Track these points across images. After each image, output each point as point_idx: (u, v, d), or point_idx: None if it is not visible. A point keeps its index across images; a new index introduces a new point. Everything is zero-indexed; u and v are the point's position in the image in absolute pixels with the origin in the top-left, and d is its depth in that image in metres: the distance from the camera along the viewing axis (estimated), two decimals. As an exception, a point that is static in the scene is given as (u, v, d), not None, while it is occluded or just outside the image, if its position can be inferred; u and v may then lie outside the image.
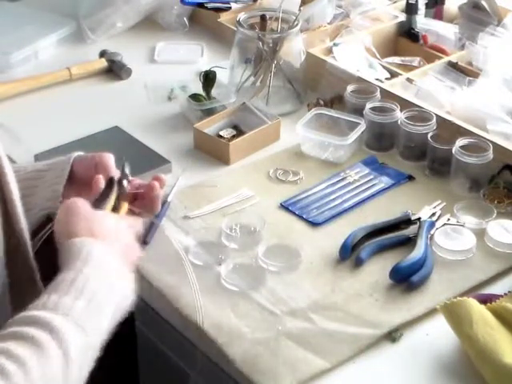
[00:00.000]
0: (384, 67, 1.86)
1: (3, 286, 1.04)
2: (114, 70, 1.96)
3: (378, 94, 1.69)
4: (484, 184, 1.53)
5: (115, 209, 1.11)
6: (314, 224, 1.47)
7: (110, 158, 1.19)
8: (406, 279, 1.32)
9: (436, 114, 1.61)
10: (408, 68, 1.88)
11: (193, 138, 1.69)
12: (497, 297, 1.27)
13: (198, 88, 1.80)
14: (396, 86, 1.75)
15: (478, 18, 1.97)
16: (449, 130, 1.59)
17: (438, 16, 2.06)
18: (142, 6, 2.13)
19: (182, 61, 2.02)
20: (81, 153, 1.23)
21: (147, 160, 1.62)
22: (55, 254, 1.00)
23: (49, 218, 1.17)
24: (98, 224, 1.03)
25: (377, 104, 1.66)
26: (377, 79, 1.78)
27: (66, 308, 0.90)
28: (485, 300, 1.24)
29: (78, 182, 1.19)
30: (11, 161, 1.65)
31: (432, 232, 1.42)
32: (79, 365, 0.89)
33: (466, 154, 1.51)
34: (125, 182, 1.14)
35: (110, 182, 1.13)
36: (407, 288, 1.32)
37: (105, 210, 1.09)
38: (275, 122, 1.70)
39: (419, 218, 1.44)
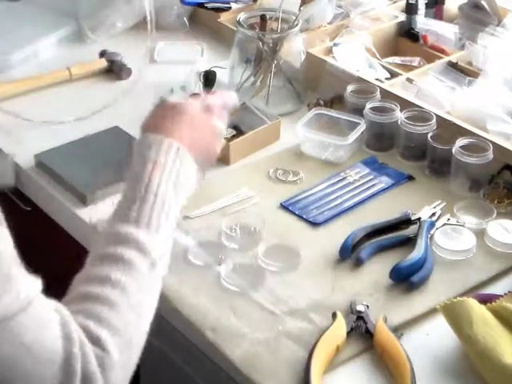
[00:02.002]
0: (384, 67, 1.86)
1: None
2: (114, 70, 1.96)
3: (377, 93, 1.69)
4: (484, 184, 1.53)
5: None
6: (313, 224, 1.47)
7: None
8: (406, 279, 1.32)
9: (436, 114, 1.61)
10: (408, 68, 1.88)
11: (193, 138, 1.68)
12: (497, 297, 1.27)
13: (197, 88, 1.80)
14: (396, 86, 1.75)
15: (478, 17, 1.97)
16: (449, 129, 1.59)
17: (438, 16, 2.06)
18: (142, 6, 2.13)
19: (182, 61, 2.02)
20: None
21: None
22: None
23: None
24: (186, 117, 1.12)
25: (377, 104, 1.66)
26: (377, 79, 1.78)
27: (145, 219, 1.00)
28: (485, 300, 1.24)
29: None
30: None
31: (432, 232, 1.42)
32: (162, 268, 1.02)
33: (466, 153, 1.51)
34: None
35: None
36: (407, 288, 1.32)
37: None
38: (275, 121, 1.70)
39: (419, 218, 1.44)
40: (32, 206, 1.68)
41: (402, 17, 2.00)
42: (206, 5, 2.15)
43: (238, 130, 1.70)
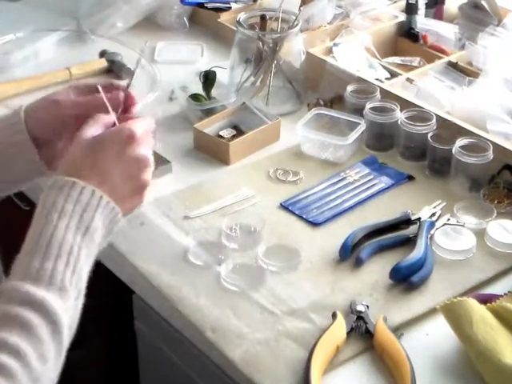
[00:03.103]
0: (384, 67, 1.86)
1: None
2: (114, 70, 1.96)
3: (377, 93, 1.69)
4: (484, 184, 1.53)
5: None
6: (314, 224, 1.47)
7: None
8: (405, 279, 1.32)
9: (436, 114, 1.61)
10: (408, 68, 1.88)
11: (193, 138, 1.69)
12: (497, 297, 1.27)
13: (198, 88, 1.80)
14: (396, 86, 1.75)
15: (478, 17, 1.97)
16: (449, 129, 1.59)
17: (438, 16, 2.06)
18: (142, 6, 2.13)
19: (182, 61, 2.02)
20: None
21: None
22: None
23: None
24: (101, 160, 0.97)
25: (377, 104, 1.66)
26: (377, 79, 1.78)
27: (47, 276, 0.89)
28: (485, 300, 1.24)
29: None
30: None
31: (432, 232, 1.42)
32: (69, 325, 0.90)
33: (466, 153, 1.51)
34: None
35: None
36: (407, 288, 1.32)
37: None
38: (275, 121, 1.70)
39: (419, 218, 1.44)
40: (32, 206, 1.68)
41: (402, 17, 2.00)
42: (206, 5, 2.15)
43: (238, 130, 1.70)
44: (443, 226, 1.44)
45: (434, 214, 1.46)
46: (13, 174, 1.13)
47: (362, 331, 1.23)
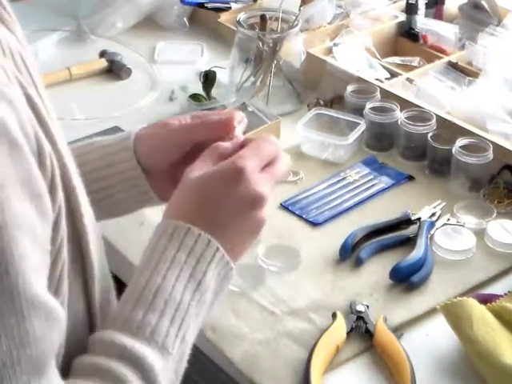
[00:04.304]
0: (384, 67, 1.86)
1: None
2: (114, 70, 1.96)
3: (377, 94, 1.69)
4: (484, 184, 1.53)
5: None
6: (314, 224, 1.47)
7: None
8: (406, 279, 1.32)
9: (436, 114, 1.61)
10: (408, 68, 1.88)
11: (193, 138, 1.68)
12: (497, 297, 1.27)
13: (198, 88, 1.80)
14: (396, 86, 1.75)
15: (478, 17, 1.97)
16: (449, 129, 1.59)
17: (438, 16, 2.06)
18: (142, 6, 2.13)
19: (182, 61, 2.02)
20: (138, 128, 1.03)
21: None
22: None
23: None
24: (210, 207, 0.86)
25: (377, 104, 1.66)
26: (377, 79, 1.78)
27: (149, 330, 0.80)
28: (485, 300, 1.23)
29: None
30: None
31: (432, 232, 1.42)
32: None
33: (466, 153, 1.51)
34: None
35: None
36: (407, 288, 1.32)
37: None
38: (275, 121, 1.69)
39: (419, 218, 1.44)
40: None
41: (402, 17, 2.00)
42: (206, 5, 2.14)
43: (238, 130, 1.70)
44: (443, 225, 1.44)
45: (434, 214, 1.46)
46: (123, 206, 1.06)
47: (362, 331, 1.23)
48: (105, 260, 0.90)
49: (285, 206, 1.51)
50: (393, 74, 1.83)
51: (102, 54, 2.00)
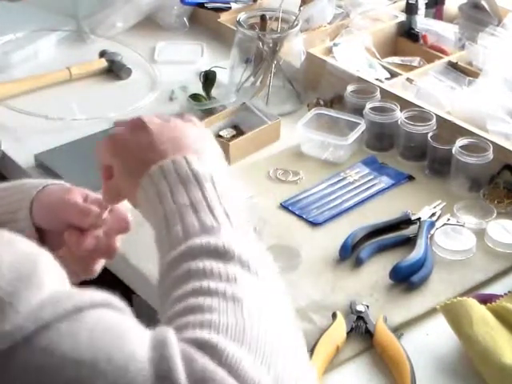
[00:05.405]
0: (384, 67, 1.86)
1: None
2: (114, 70, 1.96)
3: (377, 94, 1.69)
4: (484, 184, 1.53)
5: None
6: (314, 224, 1.47)
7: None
8: (405, 279, 1.32)
9: (436, 114, 1.61)
10: (408, 68, 1.88)
11: (193, 138, 1.68)
12: (497, 297, 1.27)
13: (198, 88, 1.80)
14: (396, 86, 1.75)
15: (478, 17, 1.97)
16: (449, 129, 1.59)
17: (438, 16, 2.06)
18: (142, 6, 2.13)
19: (182, 61, 2.02)
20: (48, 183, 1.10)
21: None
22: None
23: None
24: (184, 136, 0.88)
25: (377, 104, 1.66)
26: (377, 79, 1.78)
27: (192, 230, 0.83)
28: (485, 300, 1.24)
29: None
30: (11, 161, 1.67)
31: (432, 232, 1.42)
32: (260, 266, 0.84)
33: (466, 153, 1.51)
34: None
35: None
36: (407, 288, 1.32)
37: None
38: (275, 121, 1.70)
39: (419, 218, 1.44)
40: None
41: (402, 17, 2.00)
42: (206, 5, 2.15)
43: (238, 130, 1.70)
44: (443, 225, 1.44)
45: (434, 214, 1.46)
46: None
47: (362, 331, 1.23)
48: None
49: (285, 206, 1.51)
50: (393, 74, 1.83)
51: (102, 54, 2.00)
